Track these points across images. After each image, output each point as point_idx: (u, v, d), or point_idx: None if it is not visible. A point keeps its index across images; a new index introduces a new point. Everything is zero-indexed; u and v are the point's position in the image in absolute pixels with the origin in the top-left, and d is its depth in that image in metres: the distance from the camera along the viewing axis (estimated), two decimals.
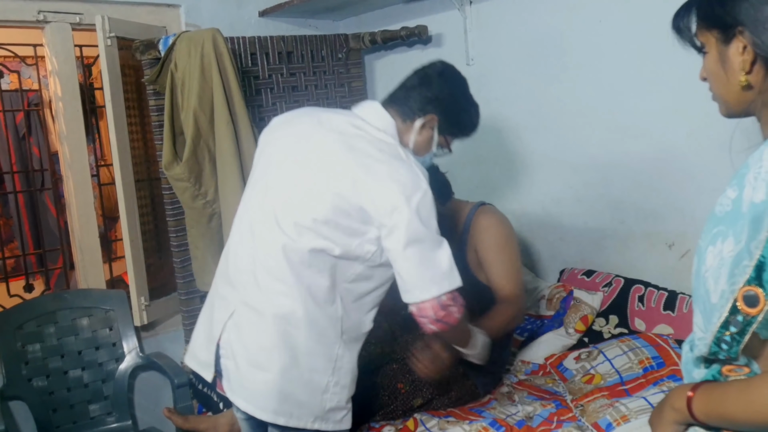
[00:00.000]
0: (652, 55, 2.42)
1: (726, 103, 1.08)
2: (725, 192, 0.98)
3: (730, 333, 0.94)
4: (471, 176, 3.19)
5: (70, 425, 2.76)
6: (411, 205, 1.57)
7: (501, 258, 2.28)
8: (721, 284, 0.94)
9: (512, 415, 2.11)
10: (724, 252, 0.94)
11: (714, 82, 1.08)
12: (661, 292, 2.42)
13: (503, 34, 2.96)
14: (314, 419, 1.68)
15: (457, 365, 2.30)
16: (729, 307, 0.92)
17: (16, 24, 2.81)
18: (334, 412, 1.71)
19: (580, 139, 2.73)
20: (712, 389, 1.00)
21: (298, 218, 1.62)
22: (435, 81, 1.82)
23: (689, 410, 1.02)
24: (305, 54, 3.24)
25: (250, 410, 1.69)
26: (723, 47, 1.04)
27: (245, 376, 1.69)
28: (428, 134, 1.82)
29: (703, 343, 0.99)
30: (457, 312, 1.66)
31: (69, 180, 2.98)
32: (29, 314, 2.78)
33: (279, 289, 1.64)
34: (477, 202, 2.38)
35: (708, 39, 1.06)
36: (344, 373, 1.71)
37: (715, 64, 1.06)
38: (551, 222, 2.92)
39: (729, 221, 0.95)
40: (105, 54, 2.72)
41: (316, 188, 1.62)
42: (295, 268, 1.62)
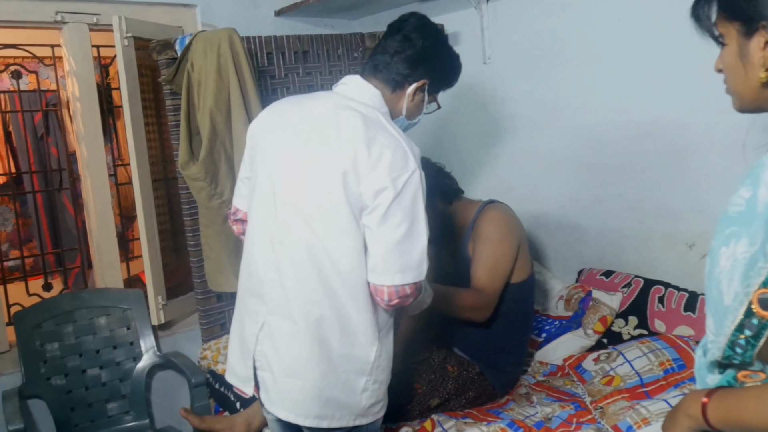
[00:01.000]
0: (670, 53, 2.39)
1: (741, 97, 1.04)
2: (738, 191, 0.96)
3: (744, 336, 0.91)
4: (487, 176, 3.17)
5: (88, 424, 2.77)
6: (396, 186, 1.51)
7: (486, 251, 2.22)
8: (734, 286, 0.91)
9: (531, 416, 2.10)
10: (737, 253, 0.91)
11: (730, 75, 1.04)
12: (682, 293, 2.39)
13: (520, 33, 2.94)
14: (355, 417, 1.66)
15: (474, 365, 2.30)
16: (743, 309, 0.90)
17: (34, 25, 2.84)
18: (373, 406, 1.69)
19: (598, 138, 2.71)
20: (728, 395, 0.98)
21: (314, 215, 1.58)
22: (418, 42, 1.72)
23: (704, 417, 0.99)
24: (321, 53, 3.23)
25: (292, 419, 1.65)
26: (744, 40, 0.99)
27: (283, 386, 1.65)
28: (419, 98, 1.78)
29: (716, 347, 0.97)
30: (412, 297, 1.61)
31: (87, 180, 2.99)
32: (48, 313, 2.79)
33: (308, 295, 1.60)
34: (486, 201, 2.36)
35: (728, 30, 1.02)
36: (381, 371, 1.67)
37: (733, 57, 1.02)
38: (569, 222, 2.90)
39: (743, 222, 0.92)
40: (122, 54, 2.73)
41: (323, 182, 1.57)
42: (320, 267, 1.58)
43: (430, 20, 1.80)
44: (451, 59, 1.84)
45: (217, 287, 2.80)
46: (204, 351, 2.87)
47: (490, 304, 2.20)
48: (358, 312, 1.60)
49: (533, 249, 3.02)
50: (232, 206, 1.90)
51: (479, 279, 2.20)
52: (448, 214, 2.35)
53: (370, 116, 1.61)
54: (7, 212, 5.01)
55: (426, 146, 3.27)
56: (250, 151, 1.79)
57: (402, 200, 1.52)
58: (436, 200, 2.32)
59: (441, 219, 2.33)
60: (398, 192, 1.51)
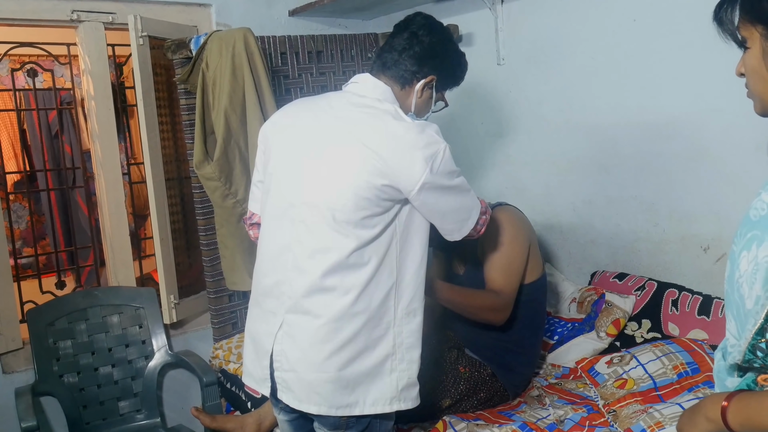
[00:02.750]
0: (686, 54, 2.38)
1: (763, 101, 1.03)
2: (760, 195, 0.95)
3: (765, 340, 0.91)
4: (500, 177, 3.16)
5: (100, 421, 2.78)
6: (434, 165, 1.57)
7: (497, 254, 2.20)
8: (756, 290, 0.90)
9: (543, 418, 2.09)
10: (759, 257, 0.90)
11: (753, 79, 1.03)
12: (696, 297, 2.37)
13: (534, 34, 2.93)
14: (390, 401, 1.66)
15: (486, 366, 2.29)
16: (765, 313, 0.89)
17: (50, 23, 2.85)
18: (408, 389, 1.68)
19: (613, 139, 2.69)
20: (748, 399, 0.96)
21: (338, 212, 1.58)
22: (425, 39, 1.76)
23: (724, 420, 0.98)
24: (335, 53, 3.23)
25: (323, 411, 1.64)
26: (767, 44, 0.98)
27: (311, 382, 1.64)
28: (428, 94, 1.80)
29: (737, 351, 0.97)
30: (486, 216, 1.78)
31: (100, 178, 3.01)
32: (61, 311, 2.81)
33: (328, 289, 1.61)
34: (494, 203, 2.34)
35: (752, 34, 1.00)
36: (407, 349, 1.67)
37: (756, 60, 1.00)
38: (582, 224, 2.88)
39: (765, 226, 0.91)
40: (137, 53, 2.74)
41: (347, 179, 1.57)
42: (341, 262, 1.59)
43: (436, 19, 1.84)
44: (458, 56, 1.86)
45: (231, 286, 2.80)
46: (216, 350, 2.87)
47: (509, 305, 2.18)
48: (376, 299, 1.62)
49: (546, 251, 3.00)
50: (247, 211, 1.90)
51: (495, 281, 2.18)
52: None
53: (387, 110, 1.64)
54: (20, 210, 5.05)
55: None
56: (262, 155, 1.80)
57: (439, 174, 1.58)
58: None
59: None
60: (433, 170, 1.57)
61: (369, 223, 1.58)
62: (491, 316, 2.17)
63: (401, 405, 1.67)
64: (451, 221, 1.70)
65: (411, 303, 1.68)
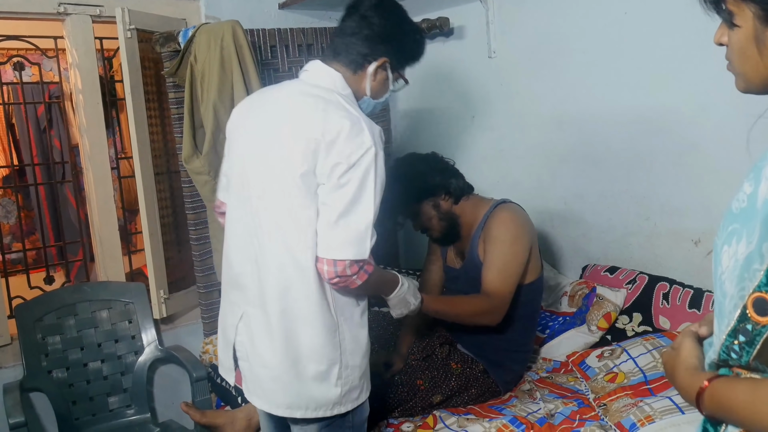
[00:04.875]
0: (677, 49, 2.37)
1: (748, 79, 0.95)
2: (742, 186, 0.90)
3: (738, 342, 0.86)
4: (492, 171, 3.15)
5: (90, 417, 2.76)
6: (349, 161, 1.53)
7: (497, 254, 2.18)
8: (733, 288, 0.85)
9: (533, 412, 2.09)
10: (738, 253, 0.85)
11: (739, 56, 0.94)
12: (687, 290, 2.37)
13: (526, 27, 2.92)
14: (332, 406, 1.67)
15: (478, 362, 2.29)
16: (738, 314, 0.85)
17: (37, 16, 2.82)
18: (350, 393, 1.69)
19: (604, 133, 2.69)
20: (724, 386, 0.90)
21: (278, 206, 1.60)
22: (375, 20, 1.70)
23: (698, 403, 0.93)
24: (325, 46, 3.21)
25: (266, 408, 1.69)
26: (762, 26, 0.89)
27: (258, 376, 1.68)
28: (383, 76, 1.76)
29: (713, 349, 0.93)
30: (357, 278, 1.58)
31: (89, 172, 2.98)
32: (49, 306, 2.79)
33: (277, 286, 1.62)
34: (498, 200, 2.33)
35: (742, 11, 0.91)
36: (351, 354, 1.67)
37: (746, 40, 0.92)
38: (574, 218, 2.88)
39: (743, 219, 0.86)
40: (125, 46, 2.72)
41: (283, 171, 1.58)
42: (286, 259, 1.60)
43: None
44: (413, 34, 1.80)
45: None
46: (206, 345, 2.86)
47: (502, 308, 2.16)
48: (312, 301, 1.61)
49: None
50: (217, 200, 1.91)
51: (490, 282, 2.17)
52: (454, 213, 2.33)
53: (330, 99, 1.63)
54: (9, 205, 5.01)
55: (430, 140, 3.27)
56: (227, 146, 1.83)
57: (352, 175, 1.53)
58: (441, 198, 2.30)
59: (447, 217, 2.32)
60: (350, 166, 1.53)
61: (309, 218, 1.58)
62: (484, 319, 2.16)
63: (341, 409, 1.68)
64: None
65: (355, 309, 1.69)
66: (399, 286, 1.81)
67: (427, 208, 2.30)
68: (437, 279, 2.52)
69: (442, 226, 2.32)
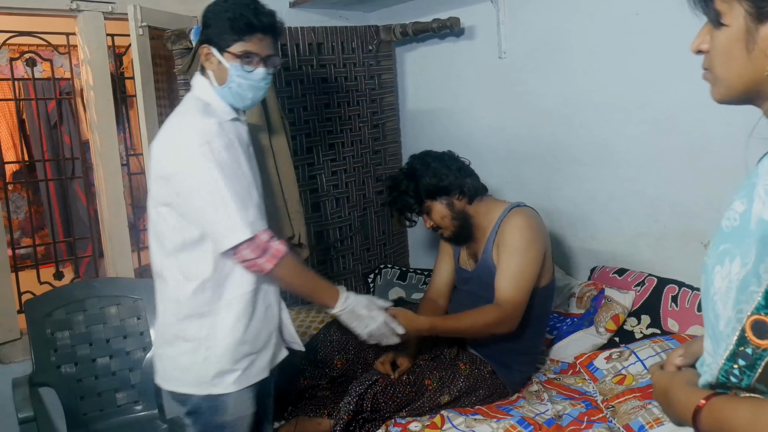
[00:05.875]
0: (688, 49, 2.35)
1: (730, 86, 0.92)
2: (732, 204, 0.88)
3: (738, 366, 0.83)
4: (502, 172, 3.15)
5: (98, 413, 2.77)
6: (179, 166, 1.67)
7: (511, 260, 2.18)
8: (728, 311, 0.82)
9: (541, 413, 2.09)
10: (732, 274, 0.82)
11: (723, 60, 0.91)
12: (696, 293, 2.36)
13: (537, 27, 2.91)
14: (199, 385, 1.78)
15: (487, 363, 2.28)
16: (736, 337, 0.82)
17: (49, 12, 2.83)
18: (221, 376, 1.78)
19: (614, 134, 2.68)
20: (723, 405, 0.88)
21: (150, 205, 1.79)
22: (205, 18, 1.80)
23: (694, 422, 0.91)
24: (335, 45, 3.22)
25: (156, 379, 1.88)
26: (754, 25, 0.85)
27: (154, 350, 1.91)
28: (214, 62, 1.78)
29: (711, 370, 0.89)
30: (256, 256, 1.69)
31: (99, 169, 2.99)
32: (59, 302, 2.79)
33: (156, 269, 1.82)
34: (512, 203, 2.33)
35: (733, 9, 0.87)
36: (222, 337, 1.77)
37: (734, 41, 0.88)
38: (583, 218, 2.87)
39: (736, 239, 0.84)
40: (136, 43, 2.72)
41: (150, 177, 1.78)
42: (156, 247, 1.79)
43: None
44: (224, 10, 1.78)
45: None
46: None
47: (516, 315, 2.16)
48: (176, 287, 1.78)
49: None
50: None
51: (503, 291, 2.17)
52: (467, 213, 2.33)
53: (180, 106, 1.81)
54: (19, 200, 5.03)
55: (440, 140, 3.26)
56: None
57: (187, 177, 1.67)
58: (455, 197, 2.30)
59: (460, 217, 2.31)
60: (183, 171, 1.68)
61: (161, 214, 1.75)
62: (499, 329, 2.17)
63: (213, 390, 1.79)
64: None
65: (228, 294, 1.78)
66: (342, 298, 1.85)
67: (440, 206, 2.30)
68: (448, 279, 2.51)
69: (454, 225, 2.31)
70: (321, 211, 3.29)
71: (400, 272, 3.31)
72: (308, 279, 1.86)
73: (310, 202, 3.22)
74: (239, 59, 1.77)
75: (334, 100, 3.26)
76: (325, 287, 1.87)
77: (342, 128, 3.32)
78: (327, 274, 3.34)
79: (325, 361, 2.43)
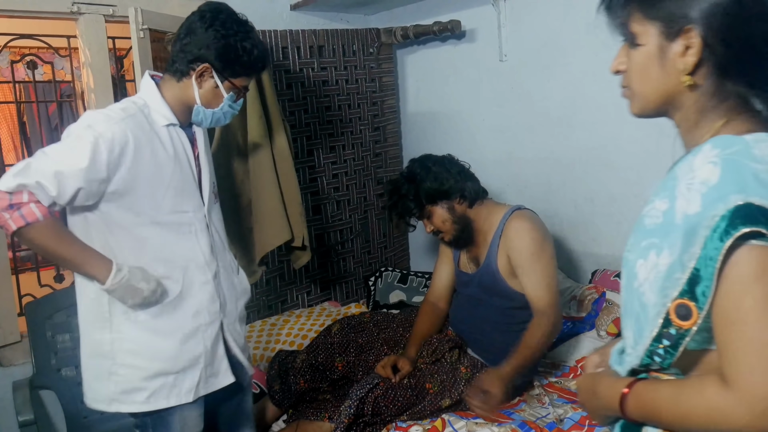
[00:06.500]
0: None
1: (646, 101, 1.03)
2: (652, 203, 0.97)
3: (663, 346, 0.92)
4: (501, 174, 3.15)
5: (98, 416, 2.75)
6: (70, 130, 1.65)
7: (535, 267, 2.20)
8: (654, 297, 0.92)
9: (542, 417, 2.08)
10: (660, 265, 0.91)
11: (640, 77, 1.02)
12: None
13: (538, 30, 2.91)
14: (110, 402, 1.75)
15: (488, 367, 2.28)
16: (661, 320, 0.91)
17: (50, 15, 2.83)
18: (131, 393, 1.74)
19: (614, 136, 2.68)
20: (646, 388, 0.97)
21: None
22: (198, 28, 1.73)
23: (622, 408, 0.99)
24: (336, 48, 3.22)
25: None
26: (665, 42, 0.96)
27: None
28: (210, 84, 1.76)
29: (633, 357, 0.98)
30: (12, 221, 1.57)
31: None
32: (59, 304, 2.79)
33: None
34: (513, 206, 2.33)
35: (646, 30, 0.98)
36: (127, 353, 1.73)
37: (650, 58, 0.98)
38: (584, 221, 2.87)
39: (661, 233, 0.93)
40: (137, 46, 2.72)
41: None
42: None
43: (223, 6, 1.80)
44: (238, 40, 1.76)
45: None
46: None
47: (559, 315, 2.20)
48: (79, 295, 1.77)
49: None
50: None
51: (541, 298, 2.18)
52: (468, 217, 2.33)
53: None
54: None
55: (440, 143, 3.26)
56: None
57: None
58: (456, 201, 2.30)
59: (461, 221, 2.31)
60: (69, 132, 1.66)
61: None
62: (554, 336, 2.21)
63: (122, 407, 1.76)
64: None
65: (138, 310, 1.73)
66: (114, 269, 1.67)
67: (441, 210, 2.30)
68: (448, 283, 2.51)
69: (455, 229, 2.31)
70: (322, 214, 3.29)
71: (400, 275, 3.31)
72: (70, 248, 1.68)
73: (311, 204, 3.22)
74: (237, 91, 1.81)
75: (334, 102, 3.26)
76: (94, 258, 1.68)
77: (343, 131, 3.32)
78: (327, 277, 3.34)
79: (325, 364, 2.43)
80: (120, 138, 1.63)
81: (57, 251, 1.67)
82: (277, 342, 2.85)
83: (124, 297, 1.69)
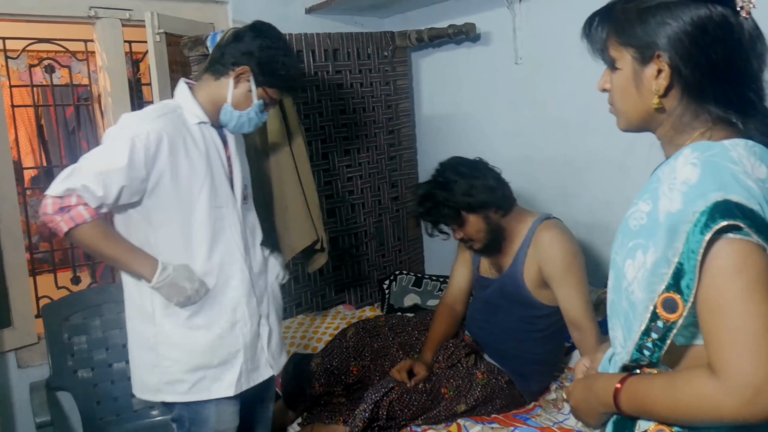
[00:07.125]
0: None
1: (629, 118, 1.12)
2: (636, 206, 1.03)
3: (651, 339, 0.96)
4: (517, 177, 3.11)
5: (114, 417, 2.78)
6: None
7: (569, 278, 2.14)
8: (642, 293, 0.96)
9: (559, 423, 2.07)
10: (647, 263, 0.96)
11: (621, 97, 1.11)
12: None
13: (553, 33, 2.89)
14: (156, 392, 1.86)
15: (504, 372, 2.27)
16: (649, 314, 0.95)
17: (67, 19, 2.86)
18: (173, 384, 1.82)
19: (631, 139, 2.63)
20: (639, 383, 1.01)
21: None
22: (247, 35, 1.86)
23: (616, 403, 1.02)
24: (351, 51, 3.22)
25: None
26: (639, 67, 1.05)
27: None
28: (245, 87, 1.85)
29: (624, 353, 1.02)
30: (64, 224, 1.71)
31: None
32: (76, 307, 2.81)
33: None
34: (542, 215, 2.28)
35: (622, 55, 1.08)
36: (170, 346, 1.81)
37: (626, 81, 1.08)
38: (600, 225, 2.85)
39: (646, 234, 0.98)
40: (154, 50, 2.74)
41: None
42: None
43: (271, 24, 1.93)
44: (280, 55, 1.88)
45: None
46: None
47: (596, 327, 2.13)
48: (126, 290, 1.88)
49: None
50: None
51: (578, 310, 2.13)
52: (501, 226, 2.25)
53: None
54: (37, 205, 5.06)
55: (455, 145, 3.25)
56: None
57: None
58: (491, 211, 2.22)
59: (495, 230, 2.24)
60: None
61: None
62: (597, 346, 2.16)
63: (167, 397, 1.85)
64: None
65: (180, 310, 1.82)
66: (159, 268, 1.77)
67: (477, 219, 2.21)
68: (465, 286, 2.50)
69: (488, 238, 2.24)
70: (336, 217, 3.29)
71: (415, 278, 3.31)
72: (117, 247, 1.79)
73: (326, 207, 3.22)
74: (267, 100, 1.90)
75: (349, 105, 3.26)
76: (140, 257, 1.79)
77: (357, 134, 3.32)
78: (342, 281, 3.34)
79: (340, 368, 2.43)
80: (155, 136, 1.72)
81: (105, 251, 1.78)
82: (291, 345, 2.86)
83: (170, 295, 1.79)
